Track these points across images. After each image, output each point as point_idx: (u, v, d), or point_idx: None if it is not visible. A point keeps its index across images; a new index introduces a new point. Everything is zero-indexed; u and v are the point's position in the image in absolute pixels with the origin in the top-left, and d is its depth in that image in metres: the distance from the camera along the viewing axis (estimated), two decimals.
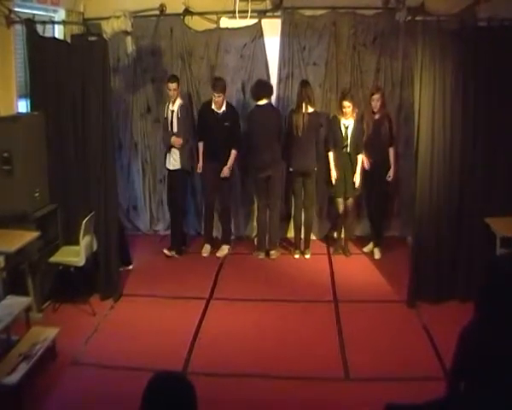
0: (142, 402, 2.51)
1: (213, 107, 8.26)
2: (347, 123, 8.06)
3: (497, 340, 3.11)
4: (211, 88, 8.34)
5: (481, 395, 3.15)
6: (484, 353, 3.13)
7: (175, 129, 8.33)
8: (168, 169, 8.57)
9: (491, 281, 3.23)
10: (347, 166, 8.17)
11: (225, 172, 8.34)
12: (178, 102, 8.33)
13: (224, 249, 8.66)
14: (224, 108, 8.24)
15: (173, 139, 8.27)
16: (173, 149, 8.36)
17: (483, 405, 3.14)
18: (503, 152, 6.71)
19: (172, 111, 8.34)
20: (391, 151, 8.24)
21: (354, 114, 8.08)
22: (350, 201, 8.38)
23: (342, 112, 8.01)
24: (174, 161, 8.40)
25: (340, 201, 8.34)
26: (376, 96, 8.06)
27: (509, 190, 6.70)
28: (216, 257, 8.42)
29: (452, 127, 6.61)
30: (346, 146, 8.11)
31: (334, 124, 8.20)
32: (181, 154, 8.35)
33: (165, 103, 8.57)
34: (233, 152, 8.35)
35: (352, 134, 8.07)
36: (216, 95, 8.12)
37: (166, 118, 8.44)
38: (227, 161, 8.35)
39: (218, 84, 8.14)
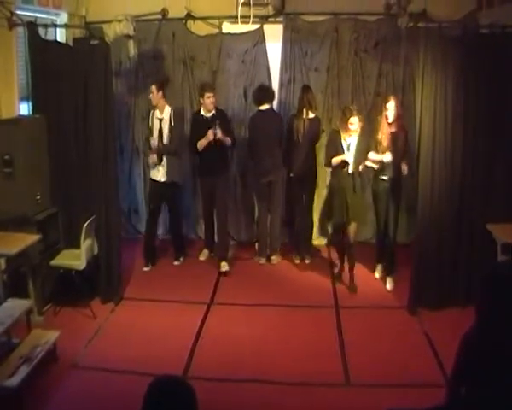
0: (142, 406, 2.52)
1: (202, 112, 7.95)
2: (350, 140, 7.19)
3: (497, 344, 3.11)
4: (201, 92, 7.94)
5: (482, 400, 3.15)
6: (484, 357, 3.14)
7: (165, 138, 7.96)
8: (155, 180, 8.13)
9: (491, 284, 3.24)
10: (349, 187, 7.19)
11: (211, 133, 7.72)
12: (168, 108, 8.00)
13: (225, 266, 8.13)
14: (213, 111, 7.91)
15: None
16: (165, 160, 7.98)
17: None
18: (504, 158, 6.72)
19: (161, 119, 7.97)
20: (404, 167, 7.30)
21: (359, 130, 7.19)
22: (353, 226, 7.34)
23: (347, 128, 7.13)
24: (170, 172, 8.02)
25: (340, 230, 7.48)
26: (391, 105, 7.22)
27: (509, 195, 6.71)
28: (217, 262, 8.39)
29: (454, 133, 6.62)
30: (348, 165, 7.17)
31: (334, 140, 7.34)
32: (173, 166, 8.05)
33: (150, 111, 8.20)
34: (228, 138, 7.87)
35: (355, 151, 7.17)
36: (208, 94, 7.79)
37: (152, 126, 8.06)
38: (222, 173, 8.08)
39: (208, 84, 8.01)
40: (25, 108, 7.50)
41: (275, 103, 8.55)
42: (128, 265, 8.01)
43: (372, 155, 7.28)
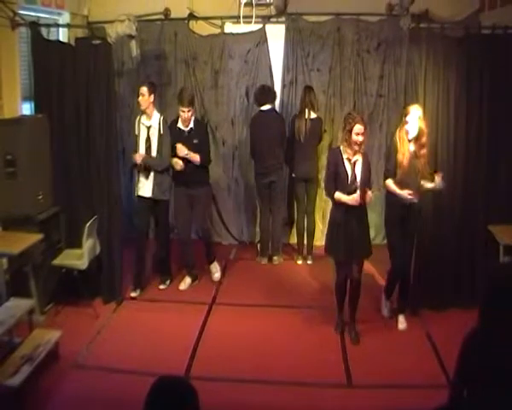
0: (144, 406, 2.51)
1: (180, 125, 7.23)
2: (354, 158, 5.89)
3: (500, 349, 3.11)
4: (177, 103, 7.22)
5: (484, 403, 3.15)
6: (487, 361, 3.13)
7: (153, 149, 7.17)
8: (142, 196, 7.36)
9: (493, 286, 3.24)
10: (356, 219, 5.94)
11: (181, 149, 7.12)
12: (157, 115, 7.22)
13: (215, 269, 7.92)
14: (191, 124, 7.24)
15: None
16: (154, 174, 7.22)
17: None
18: (506, 159, 6.73)
19: (149, 126, 7.18)
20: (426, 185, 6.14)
21: (363, 146, 5.94)
22: (357, 265, 6.13)
23: (351, 142, 5.80)
24: (157, 188, 7.25)
25: (343, 263, 6.19)
26: (413, 117, 5.97)
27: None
28: (219, 262, 8.36)
29: (456, 133, 6.64)
30: (355, 190, 5.81)
31: (334, 162, 5.98)
32: (161, 181, 7.27)
33: (136, 115, 7.44)
34: (198, 156, 7.20)
35: (362, 172, 5.91)
36: (185, 109, 7.06)
37: (138, 134, 7.24)
38: (199, 185, 7.41)
39: (186, 97, 7.11)
40: (27, 108, 7.51)
41: (277, 104, 8.57)
42: (130, 265, 7.99)
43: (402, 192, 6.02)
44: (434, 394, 4.10)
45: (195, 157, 7.21)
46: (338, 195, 5.89)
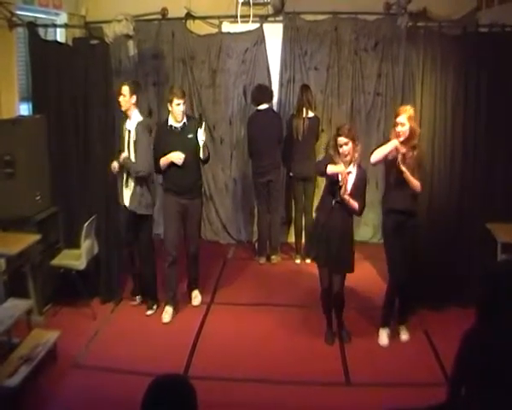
0: (142, 405, 2.50)
1: (171, 122, 6.61)
2: (347, 169, 5.66)
3: (498, 347, 3.12)
4: (170, 98, 6.53)
5: (482, 401, 3.15)
6: (485, 359, 3.14)
7: (132, 154, 6.57)
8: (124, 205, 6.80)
9: (490, 284, 3.25)
10: (338, 228, 5.78)
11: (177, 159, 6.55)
12: (136, 119, 6.59)
13: (198, 296, 7.22)
14: (184, 119, 6.63)
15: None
16: (134, 184, 6.61)
17: None
18: (504, 157, 6.73)
19: (129, 130, 6.59)
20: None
21: (355, 157, 5.70)
22: (338, 279, 5.99)
23: (339, 152, 5.66)
24: (135, 200, 6.61)
25: (325, 272, 6.06)
26: (403, 119, 5.74)
27: (509, 194, 6.72)
28: (217, 261, 8.38)
29: (453, 132, 6.64)
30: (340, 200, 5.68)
31: (327, 159, 5.85)
32: (139, 193, 6.60)
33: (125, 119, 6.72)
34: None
35: (353, 184, 5.69)
36: (180, 101, 6.46)
37: (123, 138, 6.68)
38: (193, 195, 6.78)
39: (177, 89, 6.74)
40: (25, 109, 7.50)
41: (274, 102, 8.58)
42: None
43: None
44: (432, 392, 4.09)
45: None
46: (329, 167, 5.64)
